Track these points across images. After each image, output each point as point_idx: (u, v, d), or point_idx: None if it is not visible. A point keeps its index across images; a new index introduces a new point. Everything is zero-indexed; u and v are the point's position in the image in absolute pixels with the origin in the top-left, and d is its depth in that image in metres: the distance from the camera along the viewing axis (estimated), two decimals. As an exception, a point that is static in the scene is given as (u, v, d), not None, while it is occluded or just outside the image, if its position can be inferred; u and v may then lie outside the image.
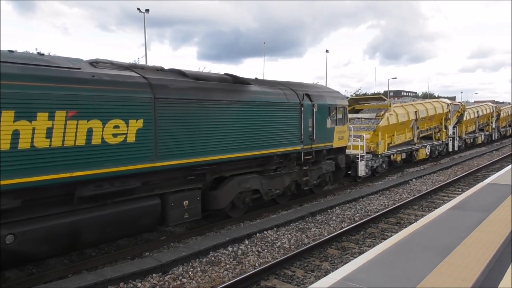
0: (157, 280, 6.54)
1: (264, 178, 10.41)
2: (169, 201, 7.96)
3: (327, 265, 7.27)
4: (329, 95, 12.84)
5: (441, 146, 22.31)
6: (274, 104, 10.23)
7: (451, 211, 8.10)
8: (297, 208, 11.33)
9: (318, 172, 12.35)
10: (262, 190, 10.33)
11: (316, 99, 11.76)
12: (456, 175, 16.91)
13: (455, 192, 13.60)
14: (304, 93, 11.42)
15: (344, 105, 13.49)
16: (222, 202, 9.29)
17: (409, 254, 5.65)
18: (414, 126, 19.27)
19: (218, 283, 6.44)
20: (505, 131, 38.96)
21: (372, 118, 17.06)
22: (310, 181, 12.01)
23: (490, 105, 33.37)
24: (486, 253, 5.63)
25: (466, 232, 6.65)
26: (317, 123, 11.74)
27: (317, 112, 11.70)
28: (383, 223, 10.04)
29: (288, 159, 11.09)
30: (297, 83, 12.42)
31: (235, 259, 7.48)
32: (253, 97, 9.70)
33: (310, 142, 11.49)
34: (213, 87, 8.83)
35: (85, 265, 7.13)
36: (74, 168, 6.30)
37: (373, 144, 15.80)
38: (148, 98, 7.34)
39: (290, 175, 11.28)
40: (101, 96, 6.67)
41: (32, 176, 5.83)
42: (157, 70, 8.46)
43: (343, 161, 13.62)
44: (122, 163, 6.95)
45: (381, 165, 16.39)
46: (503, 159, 22.64)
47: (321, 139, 12.01)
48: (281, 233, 9.00)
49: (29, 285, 6.26)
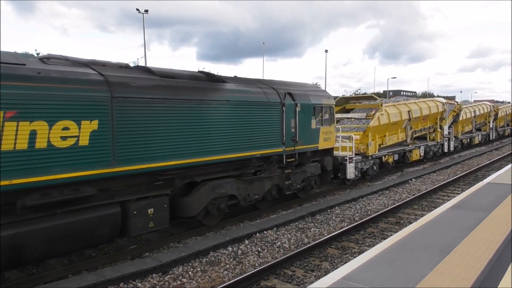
0: (157, 280, 6.54)
1: (241, 183, 9.77)
2: (131, 209, 7.34)
3: (327, 265, 7.27)
4: (314, 94, 12.20)
5: (436, 147, 21.76)
6: (252, 104, 9.63)
7: (451, 211, 8.10)
8: (296, 208, 11.33)
9: (302, 176, 11.77)
10: (239, 196, 9.70)
11: (299, 98, 11.19)
12: (456, 175, 16.92)
13: (455, 192, 13.61)
14: (286, 92, 10.84)
15: (331, 105, 12.87)
16: (194, 209, 8.69)
17: (409, 253, 5.65)
18: (407, 126, 18.69)
19: (218, 283, 6.44)
20: (503, 131, 38.53)
21: (362, 118, 16.47)
22: (294, 185, 11.40)
23: (488, 104, 32.82)
24: (486, 252, 5.63)
25: (466, 231, 6.65)
26: (301, 124, 11.17)
27: (300, 112, 11.14)
28: (383, 222, 10.05)
29: (269, 162, 10.51)
30: (279, 81, 11.81)
31: (235, 259, 7.48)
32: (228, 96, 9.08)
33: (292, 144, 10.95)
34: (183, 85, 8.27)
35: (85, 265, 7.13)
36: (13, 175, 5.65)
37: (363, 145, 15.18)
38: (104, 97, 6.73)
39: (271, 179, 10.67)
40: (48, 95, 6.04)
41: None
42: (120, 67, 7.90)
43: (330, 163, 13.06)
44: (73, 168, 6.32)
45: (372, 167, 15.80)
46: (503, 158, 22.66)
47: (305, 141, 11.45)
48: (281, 233, 9.00)
49: (29, 286, 6.26)
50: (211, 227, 9.43)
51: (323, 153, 12.73)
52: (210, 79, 9.25)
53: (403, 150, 18.23)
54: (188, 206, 8.65)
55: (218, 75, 9.64)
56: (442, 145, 22.39)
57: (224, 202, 9.38)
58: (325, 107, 12.42)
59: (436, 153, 21.88)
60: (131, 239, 8.63)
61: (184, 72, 9.11)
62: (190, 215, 8.75)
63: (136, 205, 7.44)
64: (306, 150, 11.62)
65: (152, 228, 7.71)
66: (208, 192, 8.94)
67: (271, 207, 10.43)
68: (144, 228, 7.58)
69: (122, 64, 8.09)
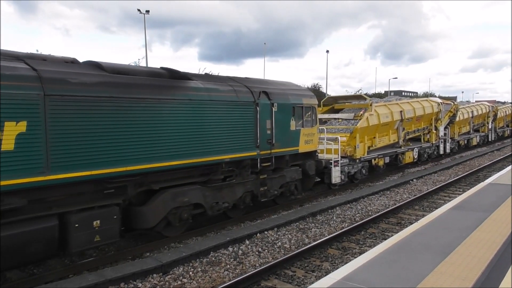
0: (157, 280, 6.54)
1: (208, 190, 8.94)
2: (72, 222, 6.51)
3: (327, 265, 7.26)
4: (294, 93, 11.37)
5: (431, 149, 20.77)
6: (219, 103, 8.81)
7: (452, 211, 8.09)
8: (297, 208, 11.32)
9: (280, 181, 10.96)
10: (205, 204, 8.87)
11: (276, 98, 10.39)
12: (457, 175, 16.90)
13: (456, 192, 13.58)
14: (261, 90, 10.02)
15: (313, 105, 11.99)
16: (151, 220, 7.87)
17: (409, 254, 5.64)
18: (399, 127, 17.68)
19: (218, 283, 6.44)
20: (503, 132, 37.41)
21: (350, 118, 15.57)
22: (270, 191, 10.57)
23: (486, 105, 31.82)
24: (487, 253, 5.62)
25: (467, 232, 6.64)
26: (278, 125, 10.35)
27: (277, 112, 10.33)
28: (383, 223, 10.03)
29: (241, 167, 9.70)
30: (255, 79, 11.04)
31: (236, 259, 7.48)
32: (191, 95, 8.25)
33: (268, 147, 10.09)
34: (136, 83, 7.44)
35: (85, 265, 7.14)
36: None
37: (350, 147, 14.25)
38: (34, 95, 5.90)
39: (244, 185, 9.82)
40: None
41: None
42: (65, 62, 7.03)
43: (312, 167, 12.17)
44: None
45: (360, 171, 14.88)
46: (504, 159, 22.61)
47: (283, 143, 10.64)
48: (282, 233, 9.00)
49: (30, 286, 6.27)
50: (212, 227, 9.43)
51: (305, 156, 11.92)
52: (173, 76, 8.47)
53: (395, 152, 17.31)
54: (144, 216, 7.80)
55: (182, 72, 8.83)
56: (437, 146, 21.53)
57: (187, 212, 8.54)
58: (307, 107, 11.61)
59: (431, 155, 21.03)
60: (131, 240, 8.63)
61: (141, 68, 8.35)
62: (147, 226, 7.90)
63: (77, 217, 6.61)
64: (284, 153, 10.81)
65: (98, 242, 6.90)
66: (168, 200, 8.10)
67: (246, 215, 9.86)
68: (88, 243, 6.77)
69: (68, 58, 7.23)
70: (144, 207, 7.83)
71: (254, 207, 10.69)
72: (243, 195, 9.90)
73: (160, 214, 8.00)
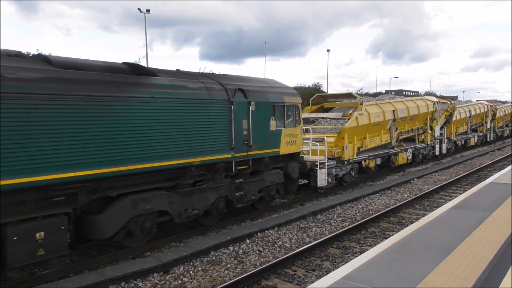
0: (158, 279, 6.54)
1: (176, 196, 8.24)
2: (9, 234, 5.82)
3: (328, 265, 7.26)
4: (274, 91, 10.67)
5: (425, 149, 19.98)
6: (188, 101, 8.11)
7: (453, 211, 8.09)
8: (298, 207, 11.32)
9: (259, 185, 10.24)
10: (172, 211, 8.16)
11: (253, 96, 9.68)
12: (458, 175, 16.88)
13: (457, 192, 13.57)
14: (237, 88, 9.31)
15: (295, 103, 11.27)
16: (108, 230, 7.14)
17: (410, 253, 5.64)
18: (392, 127, 16.87)
19: (219, 282, 6.44)
20: (502, 132, 36.56)
21: (339, 118, 14.71)
22: (247, 196, 9.88)
23: (485, 104, 30.98)
24: (487, 252, 5.62)
25: (468, 231, 6.64)
26: (256, 125, 9.65)
27: (255, 111, 9.63)
28: (384, 222, 10.03)
29: (214, 170, 8.98)
30: (232, 76, 10.30)
31: (236, 259, 7.48)
32: (155, 92, 7.60)
33: (245, 149, 9.41)
34: (89, 79, 6.74)
35: (86, 265, 7.14)
36: None
37: (337, 148, 13.51)
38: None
39: (217, 190, 9.08)
40: None
41: None
42: (8, 55, 6.34)
43: (295, 170, 11.48)
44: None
45: (349, 173, 14.14)
46: (505, 158, 22.59)
47: (262, 145, 9.93)
48: (282, 232, 9.00)
49: (31, 285, 6.27)
50: (212, 227, 9.43)
51: (287, 158, 11.22)
52: (135, 72, 7.81)
53: (387, 153, 16.47)
54: (100, 226, 7.08)
55: (148, 68, 8.17)
56: (433, 147, 20.74)
57: (150, 220, 7.84)
58: (289, 106, 10.92)
59: (426, 156, 20.24)
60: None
61: (98, 63, 7.58)
62: (103, 236, 7.18)
63: (16, 229, 5.91)
64: (263, 155, 10.07)
65: (42, 256, 6.17)
66: (127, 208, 7.38)
67: (221, 222, 9.34)
68: (30, 258, 6.05)
69: (11, 51, 6.56)
70: (100, 215, 7.13)
71: (233, 213, 10.16)
72: (216, 201, 9.17)
73: (118, 223, 7.29)
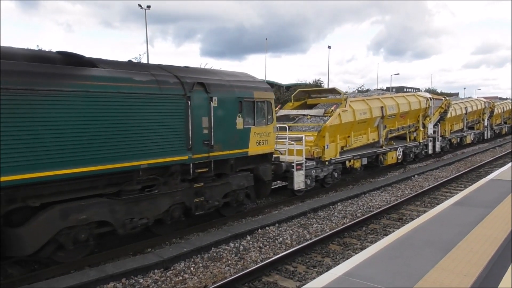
0: (159, 276, 6.55)
1: (119, 204, 7.28)
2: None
3: (329, 261, 7.27)
4: (242, 85, 9.64)
5: (418, 148, 18.96)
6: (133, 96, 7.18)
7: (454, 207, 8.08)
8: (299, 204, 11.31)
9: (224, 189, 9.29)
10: (114, 221, 7.21)
11: (216, 90, 8.73)
12: (458, 171, 16.88)
13: (458, 188, 13.56)
14: (196, 81, 8.34)
15: (267, 99, 10.26)
16: (29, 245, 6.16)
17: (411, 249, 5.64)
18: (380, 125, 15.81)
19: (219, 278, 6.45)
20: (500, 129, 35.51)
21: (320, 115, 13.69)
22: (209, 202, 8.91)
23: (482, 101, 29.84)
24: (488, 249, 5.61)
25: (469, 227, 6.63)
26: (219, 123, 8.73)
27: (217, 108, 8.70)
28: (385, 219, 10.03)
29: (168, 174, 8.04)
30: (192, 68, 9.37)
31: (237, 255, 7.49)
32: (91, 85, 6.61)
33: (206, 150, 8.47)
34: (6, 69, 5.73)
35: (87, 261, 7.15)
36: None
37: (317, 148, 12.52)
38: None
39: (171, 196, 8.12)
40: None
41: None
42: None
43: (267, 172, 10.53)
44: None
45: (332, 174, 13.19)
46: (506, 155, 22.57)
47: (227, 145, 9.00)
48: (283, 229, 9.00)
49: (32, 281, 6.28)
50: (213, 223, 9.43)
51: (258, 159, 10.28)
52: (70, 62, 6.84)
53: (374, 152, 15.47)
54: (19, 240, 6.12)
55: (86, 58, 7.27)
56: (426, 145, 19.76)
57: (85, 232, 6.86)
58: (259, 101, 9.97)
59: (418, 155, 19.26)
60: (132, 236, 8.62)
61: (21, 50, 6.61)
62: (24, 253, 6.20)
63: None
64: (227, 156, 9.12)
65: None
66: (55, 219, 6.41)
67: (179, 230, 8.57)
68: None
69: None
70: (20, 228, 6.17)
71: (198, 220, 9.22)
72: (171, 208, 8.22)
73: (43, 237, 6.31)
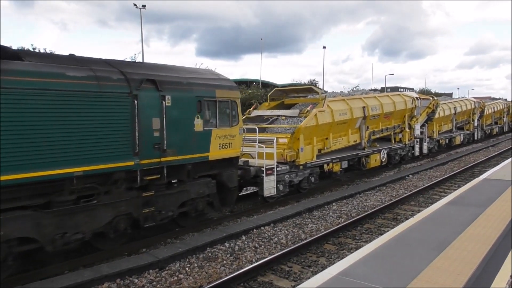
0: (154, 276, 6.54)
1: (48, 217, 6.35)
2: None
3: (324, 261, 7.29)
4: (202, 82, 8.73)
5: (404, 150, 18.21)
6: (63, 94, 6.31)
7: (448, 206, 8.14)
8: (294, 204, 11.34)
9: (180, 198, 8.40)
10: (41, 237, 6.27)
11: (169, 88, 7.90)
12: (452, 171, 16.99)
13: (452, 188, 13.66)
14: (144, 78, 7.49)
15: (232, 98, 9.39)
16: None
17: (405, 249, 5.68)
18: (362, 126, 15.05)
19: (215, 278, 6.44)
20: (491, 130, 34.51)
21: (295, 116, 12.89)
22: (161, 213, 8.00)
23: (472, 100, 29.14)
24: (482, 248, 5.66)
25: (462, 227, 6.69)
26: (173, 125, 7.91)
27: (171, 107, 7.89)
28: (380, 218, 10.08)
29: (111, 182, 7.16)
30: (145, 64, 8.56)
31: (232, 255, 7.49)
32: (9, 81, 5.73)
33: (157, 154, 7.64)
34: None
35: (81, 261, 7.13)
36: None
37: (291, 151, 11.66)
38: None
39: (114, 207, 7.21)
40: None
41: None
42: None
43: (232, 177, 9.61)
44: None
45: (308, 179, 12.32)
46: (500, 154, 22.76)
47: (183, 149, 8.14)
48: (278, 228, 9.01)
49: (25, 282, 6.24)
50: (209, 223, 9.43)
51: (222, 164, 9.31)
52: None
53: (355, 155, 14.59)
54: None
55: (12, 50, 6.57)
56: (412, 147, 19.03)
57: (4, 251, 5.96)
58: (222, 101, 9.11)
59: (404, 157, 18.52)
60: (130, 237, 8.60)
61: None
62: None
63: None
64: (184, 161, 8.22)
65: None
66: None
67: (126, 244, 7.79)
68: None
69: None
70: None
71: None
72: (115, 220, 7.32)
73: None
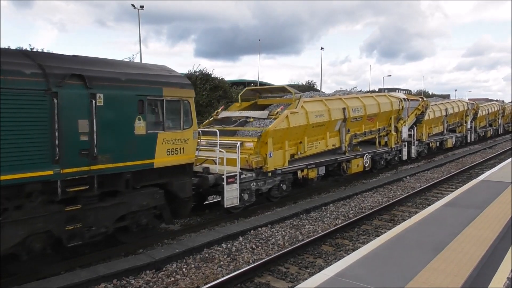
0: (150, 276, 6.52)
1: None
2: None
3: (321, 262, 7.28)
4: (145, 79, 7.66)
5: (390, 154, 17.04)
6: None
7: (445, 208, 8.16)
8: (291, 205, 11.33)
9: (116, 211, 7.35)
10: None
11: (101, 85, 6.87)
12: (449, 173, 17.03)
13: (449, 189, 13.68)
14: (69, 73, 6.47)
15: (184, 97, 8.33)
16: None
17: (402, 250, 5.68)
18: (342, 129, 13.87)
19: (212, 279, 6.42)
20: (485, 132, 33.32)
21: (264, 117, 11.83)
22: (91, 229, 6.94)
23: (464, 102, 28.00)
24: (479, 249, 5.67)
25: (459, 228, 6.70)
26: (107, 128, 6.93)
27: (104, 107, 6.88)
28: (377, 220, 10.08)
29: (23, 195, 6.16)
30: (77, 57, 7.25)
31: (229, 256, 7.47)
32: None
33: (85, 162, 6.63)
34: None
35: (78, 261, 7.10)
36: None
37: (258, 156, 10.54)
38: None
39: (26, 225, 6.17)
40: None
41: None
42: None
43: (185, 187, 8.51)
44: None
45: (279, 187, 11.26)
46: (497, 156, 22.84)
47: (120, 155, 7.13)
48: (275, 230, 9.00)
49: (21, 282, 6.20)
50: (205, 224, 9.41)
51: (173, 172, 8.25)
52: None
53: (334, 160, 13.38)
54: None
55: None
56: (399, 151, 17.92)
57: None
58: (171, 100, 8.08)
59: (390, 161, 17.40)
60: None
61: None
62: None
63: None
64: (121, 170, 7.19)
65: None
66: None
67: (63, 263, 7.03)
68: None
69: None
70: None
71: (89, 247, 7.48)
72: (28, 240, 6.27)
73: None
